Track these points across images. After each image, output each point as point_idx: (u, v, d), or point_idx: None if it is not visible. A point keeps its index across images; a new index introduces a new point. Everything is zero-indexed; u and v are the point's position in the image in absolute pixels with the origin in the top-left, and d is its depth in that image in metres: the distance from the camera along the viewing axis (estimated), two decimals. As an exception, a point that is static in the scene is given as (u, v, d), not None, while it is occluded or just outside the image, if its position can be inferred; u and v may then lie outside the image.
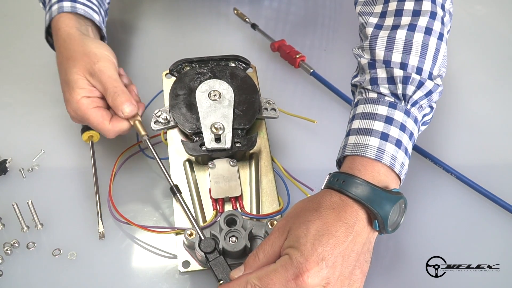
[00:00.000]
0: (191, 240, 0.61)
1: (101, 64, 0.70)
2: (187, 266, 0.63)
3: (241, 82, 0.73)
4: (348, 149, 0.61)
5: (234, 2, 1.03)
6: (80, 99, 0.69)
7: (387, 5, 0.67)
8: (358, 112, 0.64)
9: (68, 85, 0.70)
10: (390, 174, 0.60)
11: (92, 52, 0.71)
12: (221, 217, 0.63)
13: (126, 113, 0.69)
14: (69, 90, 0.70)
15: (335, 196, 0.57)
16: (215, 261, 0.60)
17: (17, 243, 0.68)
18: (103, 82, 0.70)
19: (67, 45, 0.73)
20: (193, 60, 0.75)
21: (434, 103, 0.66)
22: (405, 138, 0.62)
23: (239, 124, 0.70)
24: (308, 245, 0.53)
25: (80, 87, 0.70)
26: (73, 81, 0.70)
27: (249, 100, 0.72)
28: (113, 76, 0.71)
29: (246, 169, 0.70)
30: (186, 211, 0.64)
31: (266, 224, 0.63)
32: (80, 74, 0.70)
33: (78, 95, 0.69)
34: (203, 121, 0.69)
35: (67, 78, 0.71)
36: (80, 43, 0.73)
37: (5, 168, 0.76)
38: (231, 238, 0.62)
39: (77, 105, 0.70)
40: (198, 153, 0.67)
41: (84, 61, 0.70)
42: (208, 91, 0.72)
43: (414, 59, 0.63)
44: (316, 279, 0.53)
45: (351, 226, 0.55)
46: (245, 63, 0.77)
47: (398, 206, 0.57)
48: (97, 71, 0.70)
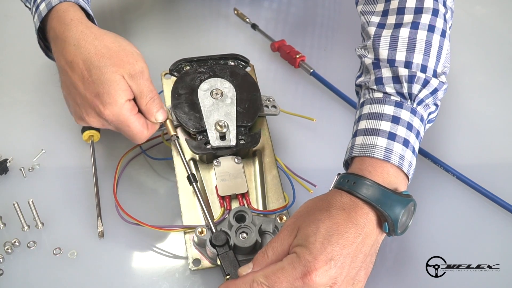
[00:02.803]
0: (202, 238, 0.62)
1: (139, 66, 0.65)
2: (197, 264, 0.63)
3: (241, 80, 0.74)
4: (356, 150, 0.61)
5: (234, 2, 1.03)
6: (124, 103, 0.64)
7: (389, 3, 0.66)
8: (364, 112, 0.64)
9: (104, 86, 0.63)
10: (399, 174, 0.60)
11: (127, 50, 0.66)
12: (231, 213, 0.63)
13: (160, 120, 0.67)
14: (110, 91, 0.63)
15: (345, 197, 0.57)
16: (224, 255, 0.60)
17: (17, 242, 0.68)
18: (141, 85, 0.65)
19: (91, 40, 0.65)
20: (192, 60, 0.76)
21: (439, 100, 0.66)
22: (412, 137, 0.62)
23: (242, 122, 0.70)
24: (317, 244, 0.53)
25: (122, 89, 0.63)
26: (112, 81, 0.63)
27: (250, 97, 0.72)
28: (149, 79, 0.66)
29: (250, 166, 0.70)
30: (201, 201, 0.63)
31: (275, 219, 0.64)
32: (119, 74, 0.64)
33: (121, 98, 0.63)
34: (206, 120, 0.69)
35: (104, 78, 0.63)
36: (108, 38, 0.66)
37: (6, 168, 0.76)
38: (241, 234, 0.62)
39: (121, 110, 0.64)
40: (203, 152, 0.68)
41: (123, 60, 0.64)
42: (210, 90, 0.72)
43: (418, 57, 0.63)
44: (324, 279, 0.53)
45: (361, 228, 0.55)
46: (244, 61, 0.77)
47: (407, 209, 0.57)
48: (138, 72, 0.65)
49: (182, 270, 0.67)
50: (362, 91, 0.67)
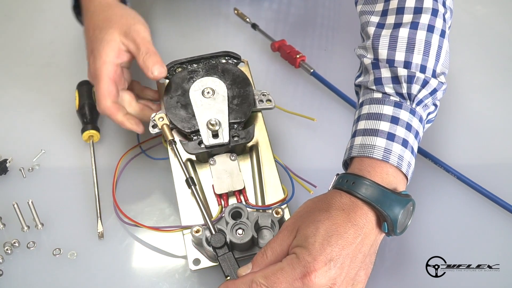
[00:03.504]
0: (198, 237, 0.62)
1: (137, 26, 0.71)
2: (197, 264, 0.63)
3: (233, 76, 0.74)
4: (355, 150, 0.61)
5: (235, 2, 1.03)
6: (107, 62, 0.69)
7: (388, 3, 0.66)
8: (363, 112, 0.64)
9: (100, 44, 0.70)
10: (398, 174, 0.60)
11: (130, 15, 0.73)
12: (226, 211, 0.63)
13: (155, 74, 0.69)
14: (100, 49, 0.70)
15: (345, 197, 0.57)
16: (223, 257, 0.60)
17: (17, 243, 0.68)
18: (137, 42, 0.70)
19: (105, 8, 0.74)
20: (183, 61, 0.76)
21: (438, 101, 0.66)
22: (411, 137, 0.62)
23: (235, 118, 0.70)
24: (316, 244, 0.53)
25: (111, 49, 0.69)
26: (106, 41, 0.70)
27: (242, 93, 0.72)
28: (147, 38, 0.71)
29: (248, 162, 0.70)
30: (200, 204, 0.64)
31: (272, 214, 0.63)
32: (115, 35, 0.70)
33: (106, 57, 0.69)
34: (199, 119, 0.69)
35: (101, 37, 0.70)
36: (119, 8, 0.74)
37: (6, 168, 0.76)
38: (237, 230, 0.62)
39: (101, 66, 0.69)
40: (198, 151, 0.68)
41: (122, 22, 0.71)
42: (201, 89, 0.72)
43: (418, 57, 0.63)
44: (323, 279, 0.52)
45: (361, 228, 0.55)
46: (236, 58, 0.77)
47: (406, 209, 0.57)
48: (133, 31, 0.70)
49: (182, 270, 0.67)
50: (361, 91, 0.67)
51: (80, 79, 0.83)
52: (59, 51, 0.95)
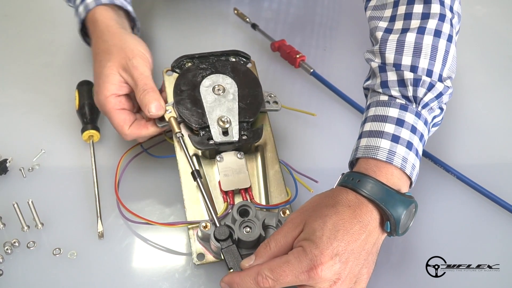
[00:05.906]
0: (206, 232, 0.62)
1: (135, 60, 0.71)
2: (201, 259, 0.64)
3: (243, 76, 0.74)
4: (360, 151, 0.62)
5: (234, 2, 1.03)
6: (108, 97, 0.70)
7: (396, 9, 0.67)
8: (369, 114, 0.64)
9: (100, 78, 0.71)
10: (402, 176, 0.60)
11: (129, 47, 0.72)
12: (234, 208, 0.64)
13: (152, 112, 0.69)
14: (100, 83, 0.71)
15: (351, 194, 0.58)
16: (227, 249, 0.60)
17: (17, 243, 0.68)
18: (135, 78, 0.70)
19: (105, 37, 0.73)
20: (194, 56, 0.76)
21: (444, 104, 0.66)
22: (416, 140, 0.62)
23: (244, 117, 0.70)
24: (324, 238, 0.54)
25: (111, 83, 0.70)
26: (105, 75, 0.70)
27: (252, 93, 0.73)
28: (145, 73, 0.71)
29: (253, 161, 0.71)
30: (205, 196, 0.64)
31: (278, 214, 0.64)
32: (113, 69, 0.71)
33: (107, 92, 0.70)
34: (209, 116, 0.69)
35: (101, 71, 0.71)
36: (118, 37, 0.73)
37: (6, 168, 0.76)
38: (245, 228, 0.62)
39: (105, 101, 0.70)
40: (206, 147, 0.68)
41: (120, 56, 0.71)
42: (212, 86, 0.72)
43: (424, 62, 0.63)
44: (329, 273, 0.53)
45: (365, 225, 0.56)
46: (245, 57, 0.78)
47: (409, 210, 0.58)
48: (131, 66, 0.70)
49: (182, 270, 0.67)
50: (369, 94, 0.68)
51: (80, 79, 0.83)
52: (59, 51, 0.95)
